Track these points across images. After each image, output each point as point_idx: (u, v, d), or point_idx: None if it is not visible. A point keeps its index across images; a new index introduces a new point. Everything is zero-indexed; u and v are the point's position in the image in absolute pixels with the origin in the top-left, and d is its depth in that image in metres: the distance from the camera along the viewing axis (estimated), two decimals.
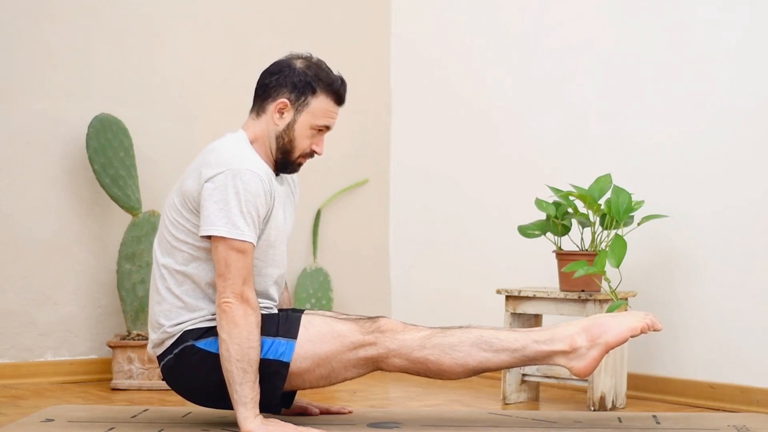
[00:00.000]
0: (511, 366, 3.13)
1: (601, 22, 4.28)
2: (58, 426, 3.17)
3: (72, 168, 4.34)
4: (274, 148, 3.18)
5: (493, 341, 3.08)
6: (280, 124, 3.17)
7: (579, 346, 3.08)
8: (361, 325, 3.10)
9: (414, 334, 3.10)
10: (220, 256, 3.01)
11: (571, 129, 4.35)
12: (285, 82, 3.15)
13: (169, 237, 3.12)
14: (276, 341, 3.07)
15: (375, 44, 5.06)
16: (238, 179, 3.01)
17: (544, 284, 4.15)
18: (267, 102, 3.18)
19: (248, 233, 3.01)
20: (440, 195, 4.84)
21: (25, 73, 4.28)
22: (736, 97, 3.87)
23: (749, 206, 3.82)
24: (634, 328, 3.07)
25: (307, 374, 3.10)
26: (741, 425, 3.28)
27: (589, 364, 3.08)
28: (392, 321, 3.12)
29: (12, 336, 4.23)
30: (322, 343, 3.08)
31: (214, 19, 4.67)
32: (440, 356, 3.08)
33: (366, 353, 3.09)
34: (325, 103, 3.18)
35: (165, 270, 3.13)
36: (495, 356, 3.08)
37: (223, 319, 2.99)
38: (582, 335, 3.08)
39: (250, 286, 3.02)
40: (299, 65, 3.17)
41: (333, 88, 3.18)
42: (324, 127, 3.20)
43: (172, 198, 3.15)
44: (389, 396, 4.15)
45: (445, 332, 3.10)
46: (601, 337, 3.07)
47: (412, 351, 3.09)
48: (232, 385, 2.98)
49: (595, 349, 3.08)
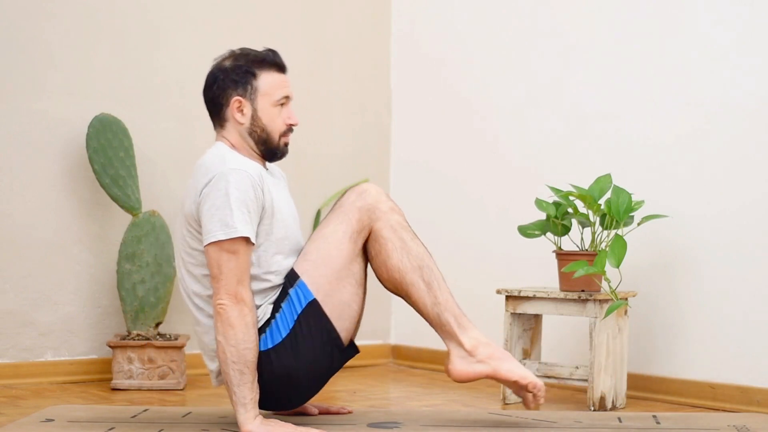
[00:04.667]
0: (421, 312, 3.16)
1: (602, 22, 4.28)
2: (58, 426, 3.17)
3: (72, 168, 4.34)
4: (253, 143, 3.20)
5: (433, 283, 3.14)
6: (245, 121, 3.18)
7: (476, 354, 3.13)
8: (349, 213, 3.13)
9: (400, 219, 3.15)
10: (213, 259, 3.01)
11: (571, 129, 4.35)
12: (226, 84, 3.18)
13: (191, 268, 3.13)
14: (289, 298, 3.09)
15: (375, 44, 5.07)
16: (223, 181, 3.03)
17: (544, 284, 4.15)
18: (222, 111, 3.20)
19: (241, 228, 3.00)
20: (440, 195, 4.84)
21: (25, 73, 4.28)
22: (736, 97, 3.87)
23: (749, 206, 3.82)
24: (525, 377, 3.13)
25: (337, 293, 3.11)
26: (741, 425, 3.28)
27: (466, 372, 3.14)
28: (378, 194, 3.17)
29: (12, 336, 4.23)
30: (325, 256, 3.12)
31: (214, 20, 4.67)
32: (398, 249, 3.12)
33: (363, 228, 3.14)
34: (270, 78, 3.19)
35: (197, 298, 3.14)
36: (419, 288, 3.13)
37: (218, 322, 2.99)
38: (487, 349, 3.14)
39: (245, 286, 3.02)
40: (228, 63, 3.20)
41: (267, 61, 3.20)
42: (284, 98, 3.21)
43: (180, 231, 3.16)
44: (389, 396, 4.15)
45: (417, 242, 3.15)
46: (496, 362, 3.13)
47: (395, 228, 3.13)
48: (230, 386, 2.99)
49: (483, 366, 3.14)
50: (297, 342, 3.07)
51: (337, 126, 4.99)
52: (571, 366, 3.83)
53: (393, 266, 3.14)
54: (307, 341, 3.07)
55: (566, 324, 4.21)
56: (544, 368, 3.88)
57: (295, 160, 4.74)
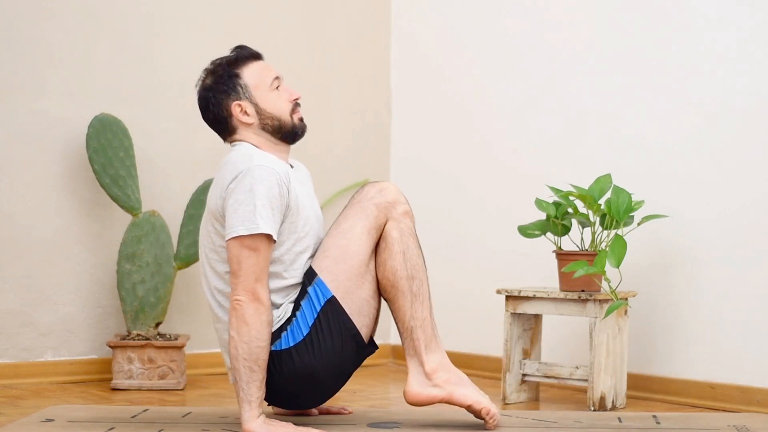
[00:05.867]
0: (397, 321, 3.17)
1: (602, 21, 4.28)
2: (58, 426, 3.17)
3: (72, 168, 4.34)
4: (270, 135, 3.22)
5: (419, 297, 3.15)
6: (253, 119, 3.20)
7: (433, 378, 3.14)
8: (367, 210, 3.13)
9: (411, 225, 3.17)
10: (233, 254, 3.01)
11: (571, 129, 4.35)
12: (219, 99, 3.20)
13: (215, 265, 3.13)
14: (308, 296, 3.09)
15: (375, 44, 5.07)
16: (249, 177, 3.03)
17: (544, 284, 4.15)
18: (229, 123, 3.22)
19: (263, 225, 3.00)
20: (440, 195, 4.84)
21: (25, 73, 4.28)
22: (736, 97, 3.87)
23: (749, 206, 3.82)
24: (479, 402, 3.14)
25: (357, 290, 3.12)
26: (741, 425, 3.28)
27: (420, 396, 3.15)
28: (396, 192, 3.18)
29: (12, 336, 4.23)
30: (345, 253, 3.12)
31: (214, 19, 4.67)
32: (400, 253, 3.12)
33: (379, 223, 3.14)
34: (252, 69, 3.22)
35: (220, 296, 3.13)
36: (405, 298, 3.13)
37: (233, 317, 3.00)
38: (445, 374, 3.15)
39: (263, 284, 3.02)
40: (209, 80, 3.22)
41: (240, 58, 3.22)
42: (275, 80, 3.23)
43: (206, 227, 3.15)
44: (389, 396, 4.15)
45: (418, 252, 3.16)
46: (451, 387, 3.14)
47: (404, 232, 3.14)
48: (239, 382, 2.99)
49: (438, 390, 3.14)
50: (318, 340, 3.07)
51: (337, 126, 4.99)
52: (571, 366, 3.83)
53: (390, 268, 3.14)
54: (328, 339, 3.08)
55: (566, 324, 4.21)
56: (544, 368, 3.88)
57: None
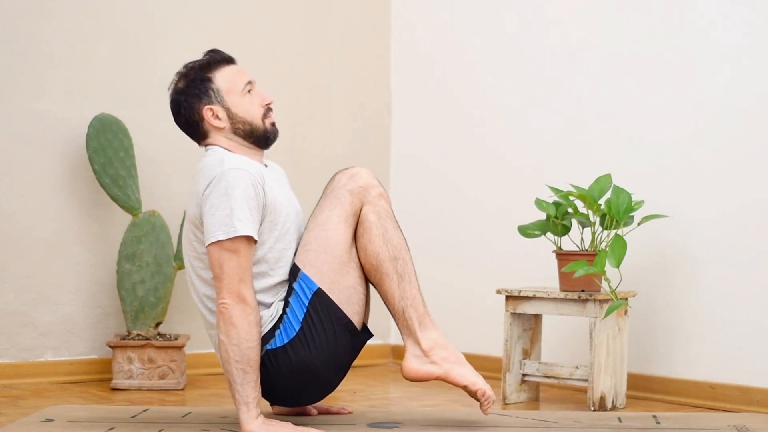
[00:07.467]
0: (387, 303, 3.17)
1: (601, 21, 4.28)
2: (58, 426, 3.17)
3: (72, 168, 4.34)
4: (242, 139, 3.22)
5: (405, 276, 3.15)
6: (224, 123, 3.20)
7: (431, 355, 3.14)
8: (341, 198, 3.13)
9: (387, 206, 3.16)
10: (214, 259, 3.01)
11: (571, 129, 4.35)
12: (190, 102, 3.21)
13: (200, 272, 3.13)
14: (294, 292, 3.09)
15: (375, 43, 5.06)
16: (223, 181, 3.03)
17: (544, 284, 4.15)
18: (200, 126, 3.22)
19: (241, 227, 3.00)
20: (440, 195, 4.84)
21: (25, 73, 4.28)
22: (736, 97, 3.87)
23: (749, 206, 3.82)
24: (475, 383, 3.13)
25: (342, 279, 3.12)
26: (741, 425, 3.28)
27: (417, 372, 3.14)
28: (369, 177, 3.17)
29: (12, 336, 4.23)
30: (325, 244, 3.12)
31: (214, 19, 4.66)
32: (379, 236, 3.12)
33: (355, 208, 3.14)
34: (225, 73, 3.22)
35: (209, 301, 3.13)
36: (391, 280, 3.13)
37: (221, 321, 3.00)
38: (442, 351, 3.14)
39: (247, 285, 3.02)
40: (182, 84, 3.23)
41: (213, 63, 3.23)
42: (247, 85, 3.23)
43: (187, 236, 3.16)
44: (389, 396, 4.15)
45: (398, 232, 3.15)
46: (449, 365, 3.13)
47: (380, 214, 3.14)
48: (233, 385, 2.99)
49: (435, 367, 3.14)
50: (311, 334, 3.07)
51: (337, 126, 4.99)
52: (571, 366, 3.83)
53: (372, 252, 3.13)
54: (320, 331, 3.08)
55: (566, 324, 4.21)
56: (544, 368, 3.88)
57: (295, 160, 4.76)
